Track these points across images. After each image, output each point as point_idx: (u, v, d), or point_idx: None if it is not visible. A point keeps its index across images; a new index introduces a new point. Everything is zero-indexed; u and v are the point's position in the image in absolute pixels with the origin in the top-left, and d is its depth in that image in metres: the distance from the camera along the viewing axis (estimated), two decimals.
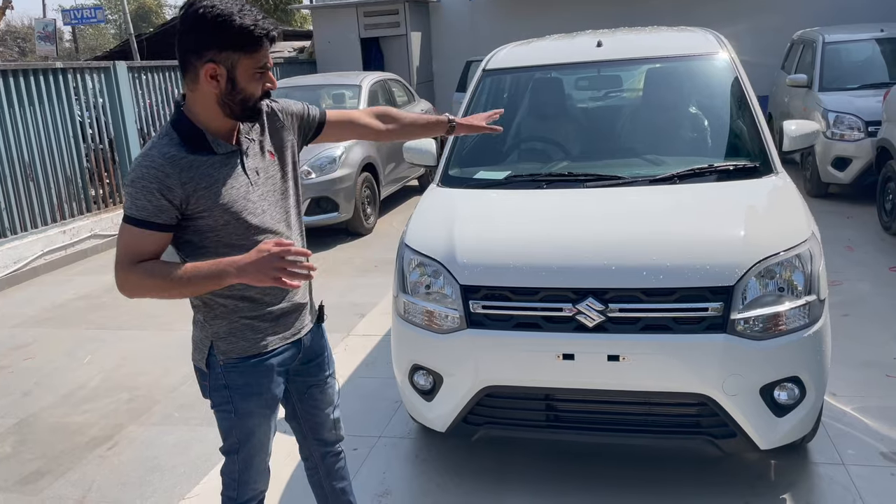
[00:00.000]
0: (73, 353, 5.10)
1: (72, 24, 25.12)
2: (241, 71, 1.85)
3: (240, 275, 1.82)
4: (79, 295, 6.52)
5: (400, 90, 10.19)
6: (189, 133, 1.89)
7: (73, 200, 8.00)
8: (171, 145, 1.87)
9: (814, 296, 2.79)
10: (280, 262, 1.79)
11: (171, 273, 1.84)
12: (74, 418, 4.10)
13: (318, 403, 2.31)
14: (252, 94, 1.89)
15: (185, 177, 1.85)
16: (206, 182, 1.88)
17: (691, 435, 2.85)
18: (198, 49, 1.83)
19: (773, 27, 12.37)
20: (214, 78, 1.84)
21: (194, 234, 1.92)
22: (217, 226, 1.91)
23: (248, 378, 2.04)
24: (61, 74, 7.82)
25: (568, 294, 2.79)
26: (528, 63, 4.24)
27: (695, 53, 3.94)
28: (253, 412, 2.07)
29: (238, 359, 2.03)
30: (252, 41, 1.83)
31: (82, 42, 43.03)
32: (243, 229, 1.94)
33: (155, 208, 1.83)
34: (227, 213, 1.91)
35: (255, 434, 2.11)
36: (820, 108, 7.99)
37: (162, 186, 1.83)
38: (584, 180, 3.39)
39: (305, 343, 2.18)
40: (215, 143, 1.92)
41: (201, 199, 1.88)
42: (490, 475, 3.22)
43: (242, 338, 2.02)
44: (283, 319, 2.08)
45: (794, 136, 3.60)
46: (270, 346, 2.06)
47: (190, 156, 1.87)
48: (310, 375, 2.26)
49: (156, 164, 1.83)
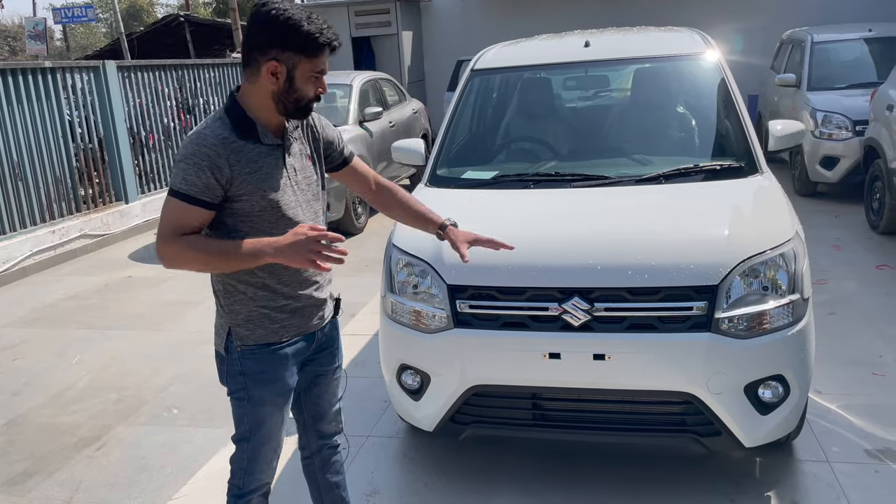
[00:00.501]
0: (62, 354, 5.09)
1: (62, 23, 25.02)
2: (300, 72, 1.99)
3: (276, 254, 1.93)
4: (68, 295, 6.50)
5: (391, 89, 10.19)
6: (241, 120, 2.02)
7: (62, 200, 7.97)
8: (224, 128, 2.00)
9: (797, 295, 2.81)
10: (316, 246, 1.90)
11: (212, 247, 1.97)
12: (63, 419, 4.09)
13: (323, 393, 2.38)
14: (306, 94, 2.03)
15: (233, 159, 1.97)
16: (250, 168, 2.00)
17: (677, 433, 2.86)
18: (264, 47, 1.97)
19: (763, 27, 12.42)
20: (274, 75, 1.98)
21: (230, 216, 2.03)
22: (253, 211, 2.02)
23: (263, 365, 2.13)
24: (50, 74, 7.79)
25: (554, 293, 2.81)
26: (516, 63, 4.25)
27: (682, 53, 3.96)
28: (266, 400, 2.15)
29: (255, 346, 2.11)
30: (315, 47, 1.98)
31: (73, 41, 42.82)
32: (276, 218, 2.04)
33: (203, 185, 1.94)
34: (263, 199, 2.02)
35: (267, 423, 2.18)
36: (808, 108, 8.04)
37: (212, 165, 1.94)
38: (571, 180, 3.41)
39: (319, 336, 2.26)
40: (263, 133, 2.04)
41: (244, 183, 1.99)
42: (478, 474, 3.23)
43: (260, 326, 2.11)
44: (300, 312, 2.16)
45: (779, 136, 3.62)
46: (286, 335, 2.14)
47: (239, 141, 2.00)
48: (319, 365, 2.32)
49: (208, 144, 1.95)
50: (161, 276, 6.85)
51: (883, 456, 3.18)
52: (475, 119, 4.16)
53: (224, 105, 2.07)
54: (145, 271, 7.14)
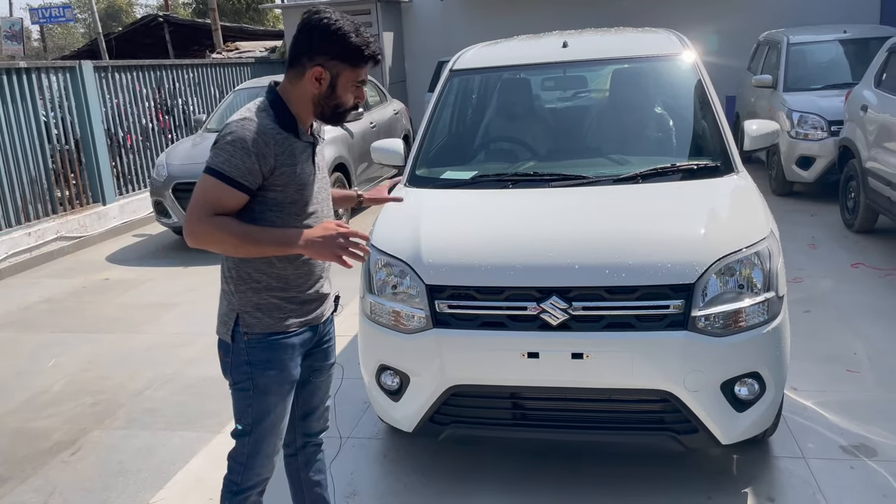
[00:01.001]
0: (37, 357, 5.02)
1: (40, 23, 24.72)
2: (343, 81, 2.10)
3: (306, 246, 2.04)
4: (43, 298, 6.41)
5: (372, 90, 10.15)
6: (284, 115, 2.11)
7: (38, 202, 7.87)
8: (268, 119, 2.07)
9: (772, 293, 2.84)
10: (344, 242, 2.04)
11: (244, 230, 2.02)
12: (37, 423, 4.04)
13: (316, 390, 2.44)
14: (345, 102, 2.14)
15: (278, 150, 2.06)
16: (291, 161, 2.09)
17: (654, 431, 2.88)
18: (312, 52, 2.07)
19: (740, 28, 12.53)
20: (319, 80, 2.08)
21: (260, 203, 2.09)
22: (284, 202, 2.10)
23: (269, 354, 2.17)
24: (25, 74, 7.69)
25: (532, 293, 2.81)
26: (494, 63, 4.26)
27: (659, 54, 3.99)
28: (271, 389, 2.19)
29: (262, 334, 2.17)
30: (360, 58, 2.09)
31: (51, 41, 42.30)
32: (301, 211, 2.14)
33: (246, 169, 2.01)
34: (297, 192, 2.11)
35: (270, 414, 2.21)
36: (785, 108, 8.13)
37: (260, 152, 2.02)
38: (550, 180, 3.41)
39: (321, 330, 2.34)
40: (301, 131, 2.14)
41: (283, 174, 2.07)
42: (458, 475, 3.23)
43: (268, 315, 2.17)
44: (307, 305, 2.24)
45: (754, 136, 3.66)
46: (293, 326, 2.21)
47: (284, 133, 2.09)
48: (316, 360, 2.39)
49: (259, 132, 2.03)
50: (139, 279, 6.78)
51: (858, 452, 3.22)
52: (454, 119, 4.16)
53: (267, 98, 2.14)
54: (122, 273, 7.06)
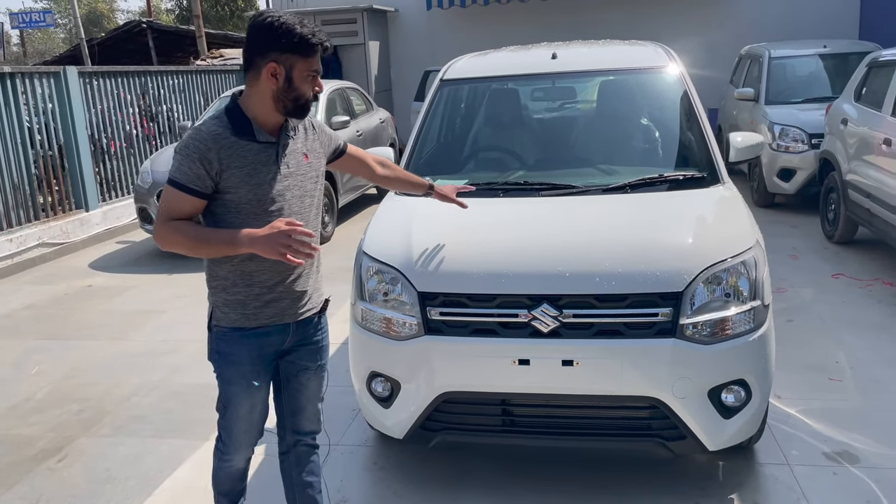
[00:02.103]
0: (21, 364, 4.97)
1: (20, 28, 24.49)
2: (297, 72, 2.18)
3: (251, 244, 2.12)
4: (25, 305, 6.35)
5: (358, 99, 10.19)
6: (237, 119, 2.21)
7: (20, 208, 7.79)
8: (220, 126, 2.19)
9: (758, 301, 2.89)
10: (287, 240, 2.09)
11: (196, 233, 2.18)
12: (22, 430, 4.00)
13: (303, 389, 2.50)
14: (304, 93, 2.22)
15: (223, 154, 2.16)
16: (240, 163, 2.19)
17: (643, 437, 2.91)
18: (263, 50, 2.17)
19: (722, 42, 12.72)
20: (274, 76, 2.17)
21: (220, 206, 2.22)
22: (240, 203, 2.21)
23: (232, 347, 2.31)
24: (9, 79, 7.63)
25: (523, 300, 2.84)
26: (484, 74, 4.30)
27: (646, 66, 4.05)
28: (233, 381, 2.34)
29: (228, 328, 2.31)
30: (309, 47, 2.17)
31: (30, 46, 41.91)
32: (261, 211, 2.22)
33: (194, 175, 2.15)
34: (250, 192, 2.20)
35: (233, 403, 2.36)
36: (766, 121, 8.26)
37: (203, 158, 2.14)
38: (540, 189, 3.45)
39: (294, 329, 2.38)
40: (258, 132, 2.23)
41: (233, 176, 2.18)
42: (448, 482, 3.25)
43: (234, 310, 2.30)
44: (274, 303, 2.31)
45: (739, 148, 3.72)
46: (257, 323, 2.30)
47: (233, 138, 2.19)
48: (300, 358, 2.46)
49: (201, 139, 2.16)
50: (122, 285, 6.73)
51: (840, 458, 3.27)
52: (444, 129, 4.19)
53: (225, 106, 2.26)
54: (106, 280, 7.01)
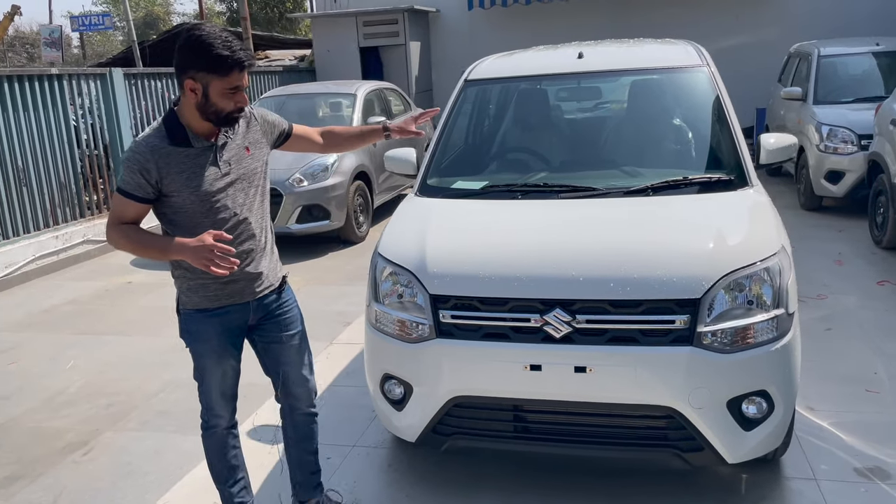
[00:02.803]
0: (57, 358, 5.11)
1: (80, 31, 25.25)
2: (213, 89, 2.33)
3: (180, 253, 2.32)
4: (67, 300, 6.53)
5: (396, 99, 10.22)
6: (173, 128, 2.40)
7: (66, 206, 8.03)
8: (157, 137, 2.38)
9: (782, 309, 2.78)
10: (209, 254, 2.28)
11: (138, 238, 2.40)
12: (53, 423, 4.11)
13: (279, 355, 2.75)
14: (223, 108, 2.37)
15: (161, 163, 2.35)
16: (178, 168, 2.38)
17: (658, 448, 2.83)
18: (182, 66, 2.34)
19: (771, 40, 12.38)
20: (193, 91, 2.33)
21: (168, 208, 2.44)
22: (185, 204, 2.41)
23: (198, 326, 2.57)
24: (56, 80, 7.87)
25: (536, 305, 2.79)
26: (509, 74, 4.24)
27: (674, 66, 3.94)
28: (202, 354, 2.61)
29: (193, 310, 2.56)
30: (224, 68, 2.30)
31: (90, 48, 43.25)
32: (207, 209, 2.43)
33: (136, 184, 2.36)
34: (192, 195, 2.40)
35: (206, 373, 2.64)
36: (814, 122, 7.99)
37: (142, 168, 2.34)
38: (559, 191, 3.39)
39: (255, 306, 2.62)
40: (194, 138, 2.41)
41: (173, 182, 2.37)
42: (461, 487, 3.21)
43: (196, 294, 2.53)
44: (232, 285, 2.54)
45: (770, 150, 3.59)
46: (217, 304, 2.55)
47: (170, 146, 2.37)
48: (267, 332, 2.71)
49: (140, 151, 2.35)
50: (160, 282, 6.87)
51: (872, 475, 3.13)
52: (467, 129, 4.16)
53: (163, 116, 2.44)
54: (145, 277, 7.17)
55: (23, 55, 43.52)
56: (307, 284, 6.56)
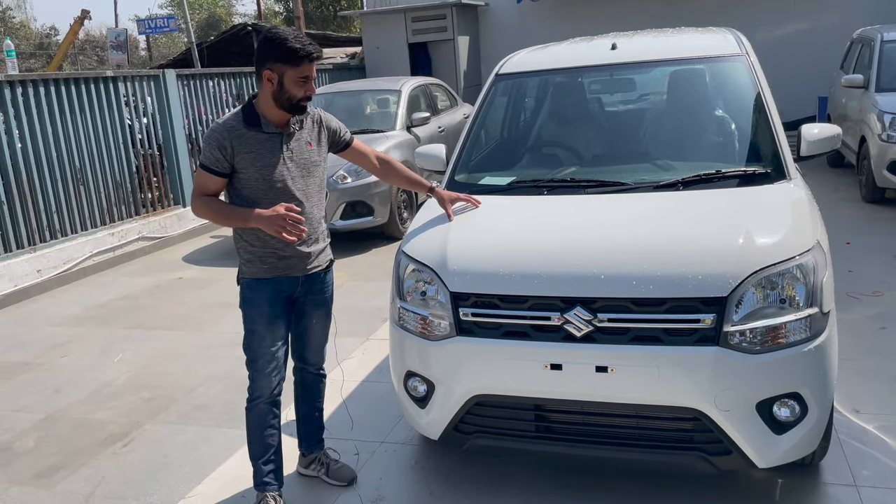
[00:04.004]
0: (107, 352, 5.29)
1: (146, 34, 26.08)
2: (288, 78, 2.70)
3: (257, 221, 2.70)
4: (120, 296, 6.75)
5: (443, 95, 10.21)
6: (249, 114, 2.79)
7: (122, 204, 8.30)
8: (234, 120, 2.78)
9: (816, 308, 2.65)
10: (282, 221, 2.67)
11: (219, 208, 2.80)
12: (97, 415, 4.25)
13: (309, 331, 3.10)
14: (295, 95, 2.74)
15: (235, 142, 2.74)
16: (248, 149, 2.76)
17: (684, 450, 2.74)
18: (262, 60, 2.72)
19: (833, 26, 11.89)
20: (270, 81, 2.72)
21: (237, 182, 2.80)
22: (250, 182, 2.78)
23: (253, 294, 2.90)
24: (112, 83, 8.14)
25: (556, 303, 2.74)
26: (540, 67, 4.17)
27: (711, 55, 3.81)
28: (255, 320, 2.91)
29: (250, 279, 2.90)
30: (296, 58, 2.68)
31: (156, 50, 44.65)
32: (268, 188, 2.78)
33: (214, 159, 2.75)
34: (257, 173, 2.77)
35: (255, 339, 2.91)
36: (875, 110, 7.64)
37: (220, 145, 2.74)
38: (587, 186, 3.32)
39: (303, 281, 2.95)
40: (265, 124, 2.79)
41: (243, 160, 2.75)
42: (486, 486, 3.18)
43: (254, 266, 2.87)
44: (285, 261, 2.88)
45: (812, 141, 3.43)
46: (271, 275, 2.88)
47: (244, 129, 2.77)
48: (303, 305, 3.04)
49: (218, 130, 2.76)
50: (210, 279, 7.04)
51: None
52: (497, 124, 4.11)
53: (243, 104, 2.84)
54: (196, 273, 7.36)
55: (93, 58, 45.23)
56: (350, 280, 6.62)
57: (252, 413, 3.01)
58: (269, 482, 3.03)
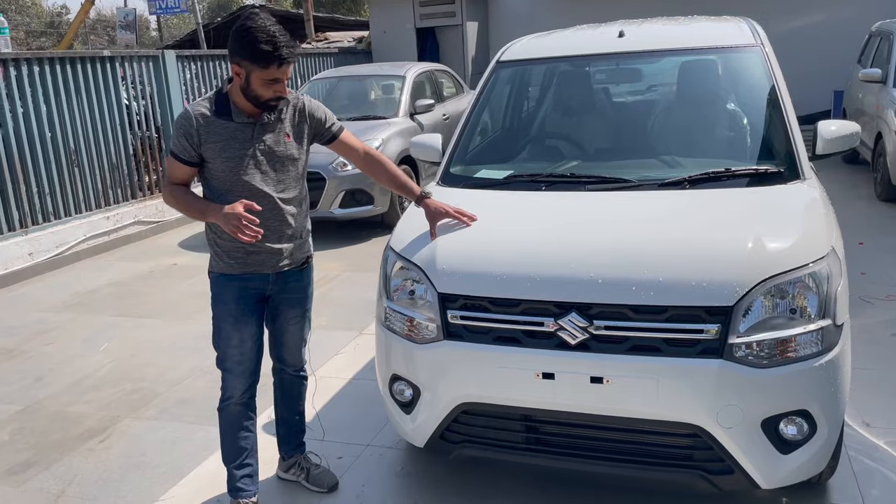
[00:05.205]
0: (93, 340, 5.14)
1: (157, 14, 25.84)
2: (254, 78, 2.51)
3: (214, 216, 2.54)
4: (111, 281, 6.61)
5: (449, 81, 10.00)
6: (220, 102, 2.62)
7: (117, 187, 8.15)
8: (204, 106, 2.62)
9: (828, 320, 2.47)
10: (236, 221, 2.48)
11: (184, 199, 2.65)
12: (76, 408, 4.11)
13: (283, 329, 2.93)
14: (261, 95, 2.55)
15: (202, 130, 2.59)
16: (216, 138, 2.59)
17: (683, 468, 2.57)
18: (231, 52, 2.54)
19: (851, 18, 11.58)
20: (238, 75, 2.54)
21: (206, 171, 2.66)
22: (217, 172, 2.63)
23: (220, 289, 2.78)
24: (109, 62, 7.96)
25: (550, 308, 2.56)
26: (543, 55, 3.97)
27: (724, 45, 3.60)
28: (221, 317, 2.78)
29: (217, 274, 2.78)
30: (264, 61, 2.47)
31: (167, 31, 44.40)
32: (235, 179, 2.62)
33: (182, 147, 2.61)
34: (223, 164, 2.60)
35: (222, 335, 2.79)
36: (893, 106, 7.40)
37: (186, 133, 2.59)
38: (587, 183, 3.13)
39: (274, 279, 2.79)
40: (236, 113, 2.61)
41: (210, 149, 2.60)
42: (472, 497, 3.02)
43: (221, 260, 2.74)
44: (254, 257, 2.72)
45: (829, 139, 3.23)
46: (239, 271, 2.73)
47: (212, 117, 2.60)
48: (280, 305, 2.88)
49: (187, 117, 2.60)
50: (205, 266, 6.82)
51: None
52: (496, 114, 3.92)
53: (215, 89, 2.67)
54: (191, 259, 7.21)
55: (104, 37, 45.02)
56: (346, 270, 6.46)
57: (223, 414, 2.89)
58: (243, 488, 2.88)
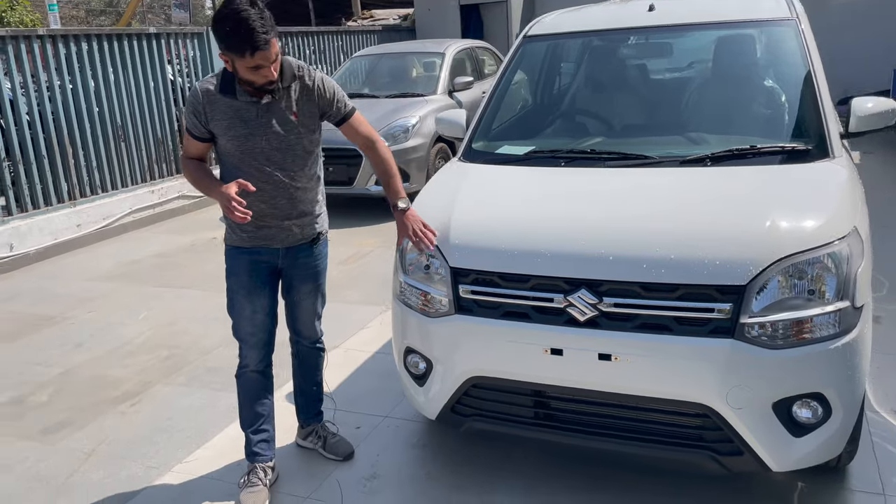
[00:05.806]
0: (133, 309, 5.32)
1: None
2: (238, 66, 2.53)
3: (214, 194, 2.59)
4: (155, 253, 6.80)
5: (490, 59, 9.92)
6: (226, 79, 2.65)
7: (162, 162, 8.35)
8: (211, 84, 2.67)
9: (847, 302, 2.40)
10: (226, 202, 2.50)
11: (196, 174, 2.72)
12: (112, 372, 4.27)
13: (298, 305, 3.00)
14: (250, 81, 2.56)
15: (209, 107, 2.65)
16: (220, 115, 2.65)
17: (692, 448, 2.54)
18: (217, 40, 2.52)
19: None
20: (226, 63, 2.56)
21: (218, 148, 2.74)
22: (226, 149, 2.70)
23: (231, 261, 2.88)
24: (155, 39, 8.13)
25: (560, 284, 2.55)
26: (570, 29, 3.91)
27: (756, 18, 3.48)
28: (234, 289, 2.89)
29: (230, 246, 2.86)
30: (237, 51, 2.46)
31: None
32: (241, 155, 2.67)
33: (192, 123, 2.69)
34: (228, 142, 2.66)
35: (235, 306, 2.90)
36: None
37: (195, 109, 2.67)
38: (607, 159, 3.09)
39: (284, 253, 2.85)
40: (240, 92, 2.63)
41: (216, 126, 2.66)
42: (485, 469, 3.05)
43: (234, 233, 2.81)
44: (262, 231, 2.78)
45: (863, 116, 3.11)
46: (247, 244, 2.81)
47: (218, 94, 2.65)
48: (293, 280, 2.95)
49: (195, 94, 2.68)
50: None
51: None
52: (522, 89, 3.88)
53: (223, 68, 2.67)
54: None
55: (161, 17, 45.92)
56: (380, 246, 6.52)
57: (241, 380, 2.99)
58: (259, 452, 2.96)
